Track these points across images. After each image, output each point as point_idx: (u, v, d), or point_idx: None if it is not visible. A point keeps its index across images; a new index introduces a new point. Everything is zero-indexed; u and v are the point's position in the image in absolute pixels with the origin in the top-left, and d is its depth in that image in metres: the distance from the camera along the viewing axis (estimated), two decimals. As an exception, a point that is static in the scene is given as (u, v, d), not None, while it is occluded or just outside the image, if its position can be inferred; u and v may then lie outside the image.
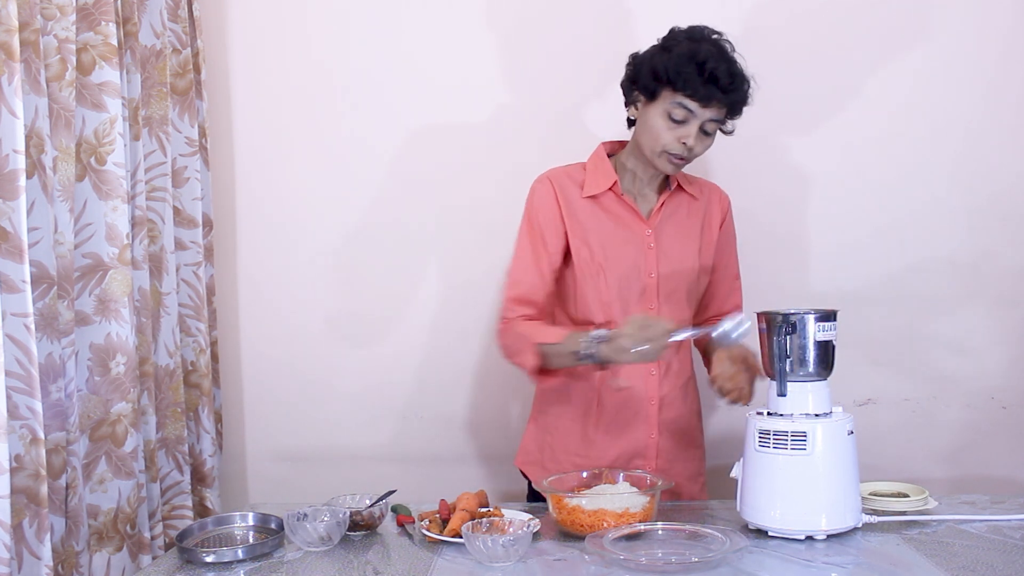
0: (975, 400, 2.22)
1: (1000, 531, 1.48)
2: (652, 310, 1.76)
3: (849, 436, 1.47)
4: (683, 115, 1.66)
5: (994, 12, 2.16)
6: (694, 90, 1.62)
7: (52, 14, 1.70)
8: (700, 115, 1.66)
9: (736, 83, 1.64)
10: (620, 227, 1.78)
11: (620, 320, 1.70)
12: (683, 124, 1.66)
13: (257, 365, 2.35)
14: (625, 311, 1.75)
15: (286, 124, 2.30)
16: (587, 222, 1.78)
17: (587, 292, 1.77)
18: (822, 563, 1.36)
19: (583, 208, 1.78)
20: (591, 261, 1.76)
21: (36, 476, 1.57)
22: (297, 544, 1.51)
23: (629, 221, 1.78)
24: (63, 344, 1.71)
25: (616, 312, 1.75)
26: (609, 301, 1.76)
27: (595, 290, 1.76)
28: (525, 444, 1.91)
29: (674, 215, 1.81)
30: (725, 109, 1.67)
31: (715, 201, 1.88)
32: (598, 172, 1.79)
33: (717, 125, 1.69)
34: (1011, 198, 2.19)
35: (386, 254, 2.30)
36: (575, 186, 1.80)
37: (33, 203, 1.63)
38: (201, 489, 2.19)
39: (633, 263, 1.76)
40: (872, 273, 2.21)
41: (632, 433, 1.79)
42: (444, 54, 2.27)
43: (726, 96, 1.64)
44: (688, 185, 1.84)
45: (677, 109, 1.65)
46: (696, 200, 1.84)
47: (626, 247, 1.77)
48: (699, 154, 1.71)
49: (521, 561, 1.39)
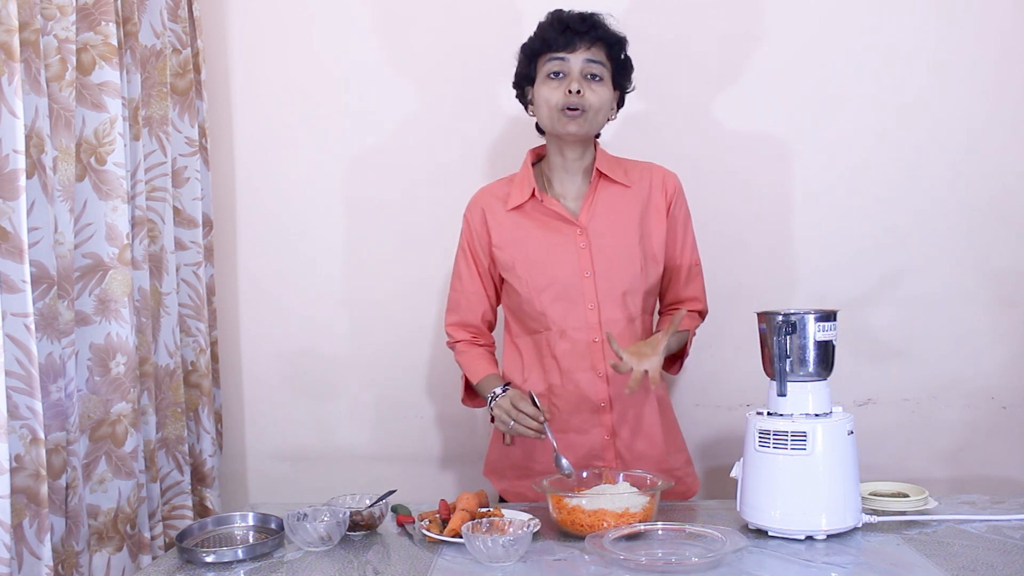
0: (975, 400, 2.22)
1: (1000, 531, 1.48)
2: (591, 310, 1.75)
3: (849, 436, 1.47)
4: (558, 66, 1.72)
5: (994, 12, 2.16)
6: (555, 41, 1.71)
7: (52, 14, 1.70)
8: (573, 61, 1.70)
9: (590, 20, 1.71)
10: (548, 232, 1.78)
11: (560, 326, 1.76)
12: (563, 77, 1.71)
13: (257, 365, 2.35)
14: (563, 318, 1.76)
15: (286, 124, 2.31)
16: (516, 235, 1.79)
17: (521, 304, 1.80)
18: (822, 563, 1.36)
19: (511, 222, 1.80)
20: (519, 275, 1.78)
21: (36, 476, 1.57)
22: (297, 544, 1.51)
23: (556, 225, 1.78)
24: (63, 344, 1.71)
25: (554, 319, 1.77)
26: (542, 310, 1.77)
27: (529, 302, 1.78)
28: (488, 453, 1.94)
29: (607, 209, 1.78)
30: (595, 48, 1.71)
31: (657, 185, 1.82)
32: (521, 182, 1.81)
33: (601, 68, 1.72)
34: (1011, 198, 2.19)
35: (386, 254, 2.30)
36: (500, 202, 1.82)
37: (33, 203, 1.63)
38: (201, 489, 2.19)
39: (565, 267, 1.76)
40: (872, 273, 2.21)
41: (584, 437, 1.78)
42: (444, 53, 2.27)
43: (586, 35, 1.69)
44: (620, 174, 1.80)
45: (552, 65, 1.72)
46: (629, 188, 1.80)
47: (556, 251, 1.77)
48: (595, 104, 1.71)
49: (521, 561, 1.39)
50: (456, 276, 1.88)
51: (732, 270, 2.18)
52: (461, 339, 1.87)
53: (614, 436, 1.78)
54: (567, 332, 1.77)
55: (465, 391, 1.89)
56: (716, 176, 2.17)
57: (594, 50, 1.71)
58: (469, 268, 1.85)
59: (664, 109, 2.22)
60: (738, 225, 2.18)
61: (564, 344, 1.77)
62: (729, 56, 2.21)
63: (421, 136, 2.28)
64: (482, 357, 1.85)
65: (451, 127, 2.28)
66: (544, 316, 1.78)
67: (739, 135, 2.23)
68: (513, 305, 1.85)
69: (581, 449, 1.78)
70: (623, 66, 1.77)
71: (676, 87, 2.22)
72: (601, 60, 1.72)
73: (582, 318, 1.76)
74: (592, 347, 1.76)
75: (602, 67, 1.72)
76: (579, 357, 1.77)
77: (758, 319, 1.54)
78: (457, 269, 1.88)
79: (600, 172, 1.78)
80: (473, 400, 1.90)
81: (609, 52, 1.73)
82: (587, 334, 1.76)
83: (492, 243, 1.82)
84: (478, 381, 1.81)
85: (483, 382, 1.80)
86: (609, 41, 1.72)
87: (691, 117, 2.23)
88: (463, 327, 1.88)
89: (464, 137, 2.27)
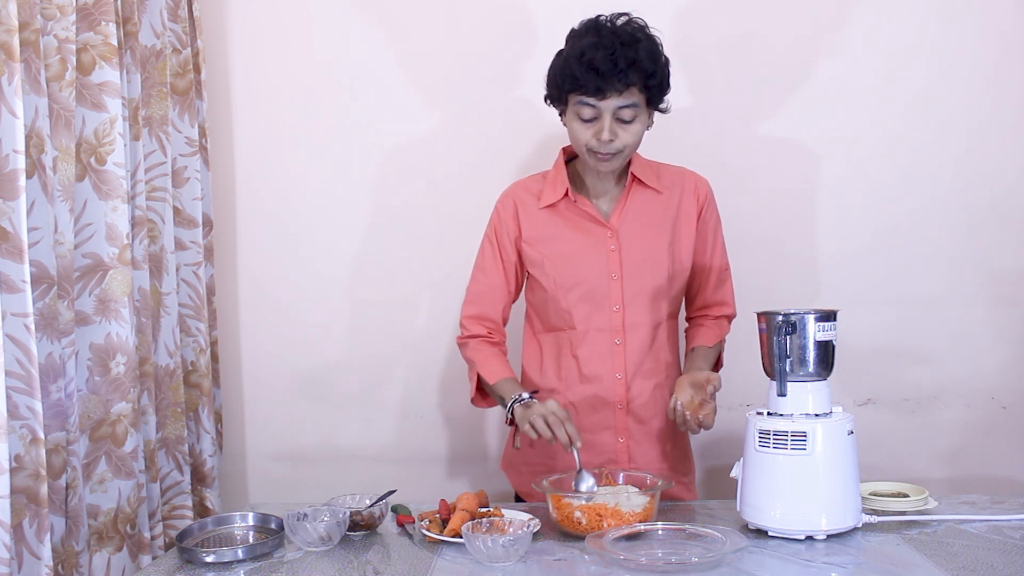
0: (975, 400, 2.22)
1: (1000, 531, 1.48)
2: (616, 311, 1.76)
3: (849, 436, 1.47)
4: (590, 113, 1.65)
5: (994, 12, 2.16)
6: (584, 86, 1.61)
7: (52, 14, 1.70)
8: (604, 107, 1.63)
9: (620, 66, 1.58)
10: (579, 233, 1.78)
11: (584, 326, 1.76)
12: (594, 121, 1.65)
13: (257, 365, 2.35)
14: (588, 318, 1.76)
15: (286, 124, 2.31)
16: (547, 232, 1.79)
17: (547, 302, 1.80)
18: (822, 563, 1.36)
19: (542, 219, 1.80)
20: (547, 272, 1.78)
21: (36, 476, 1.57)
22: (297, 544, 1.51)
23: (588, 226, 1.78)
24: (63, 344, 1.71)
25: (578, 319, 1.77)
26: (568, 308, 1.77)
27: (555, 300, 1.78)
28: (506, 448, 1.93)
29: (640, 213, 1.78)
30: (628, 92, 1.61)
31: (688, 191, 1.81)
32: (555, 181, 1.80)
33: (633, 111, 1.64)
34: (1011, 198, 2.19)
35: (387, 253, 2.30)
36: (533, 198, 1.81)
37: (33, 203, 1.63)
38: (201, 489, 2.19)
39: (594, 268, 1.76)
40: (872, 273, 2.21)
41: (596, 437, 1.78)
42: (445, 53, 2.27)
43: (616, 82, 1.59)
44: (653, 179, 1.79)
45: (583, 108, 1.65)
46: (661, 194, 1.79)
47: (586, 252, 1.77)
48: (630, 143, 1.67)
49: (521, 561, 1.39)
50: (479, 268, 1.86)
51: (731, 269, 2.18)
52: (476, 334, 1.83)
53: (628, 439, 1.78)
54: (590, 332, 1.77)
55: (477, 391, 1.84)
56: (715, 176, 2.17)
57: (628, 93, 1.61)
58: (495, 261, 1.83)
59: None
60: (736, 224, 2.17)
61: (587, 344, 1.77)
62: (731, 57, 2.21)
63: (421, 136, 2.28)
64: (498, 358, 1.81)
65: (452, 127, 2.28)
66: (569, 315, 1.77)
67: (738, 135, 2.23)
68: (538, 301, 1.84)
69: (592, 449, 1.78)
70: (660, 90, 1.67)
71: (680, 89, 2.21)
72: (635, 101, 1.63)
73: (606, 319, 1.76)
74: (614, 349, 1.76)
75: (634, 108, 1.63)
76: (600, 358, 1.77)
77: (758, 319, 1.54)
78: (481, 261, 1.85)
79: (634, 176, 1.78)
80: (484, 400, 1.85)
81: (645, 85, 1.63)
82: (610, 335, 1.76)
83: (522, 238, 1.81)
84: (495, 382, 1.76)
85: (501, 384, 1.75)
86: (647, 79, 1.62)
87: (691, 117, 2.22)
88: (481, 320, 1.84)
89: (466, 138, 2.27)
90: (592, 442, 1.78)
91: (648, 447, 1.80)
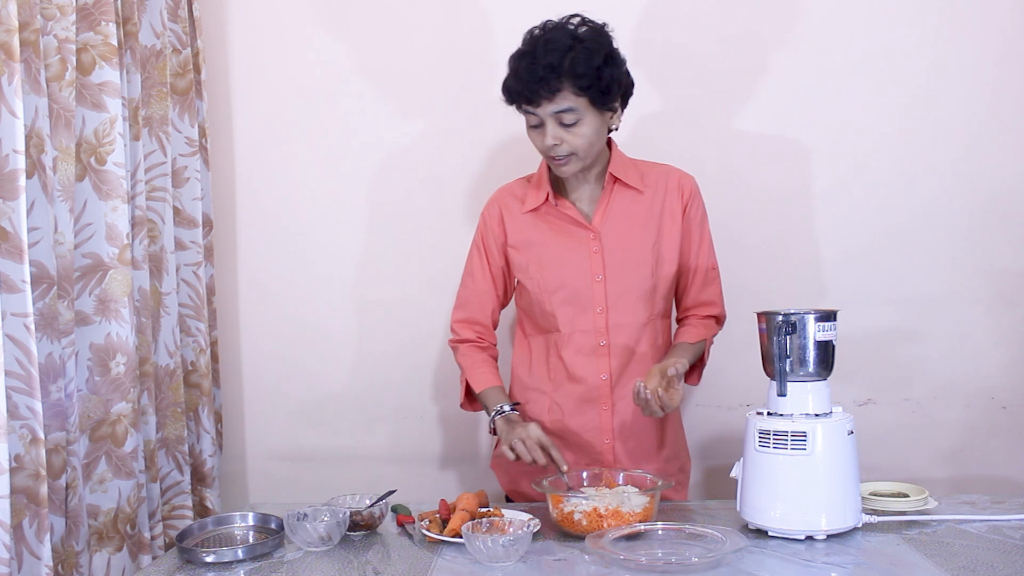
0: (975, 400, 2.22)
1: (1000, 531, 1.48)
2: (600, 313, 1.76)
3: (849, 436, 1.47)
4: (534, 120, 1.67)
5: (994, 12, 2.16)
6: (518, 95, 1.64)
7: (52, 14, 1.70)
8: (543, 114, 1.64)
9: (539, 73, 1.58)
10: (562, 236, 1.78)
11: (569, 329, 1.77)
12: (540, 127, 1.67)
13: (257, 365, 2.35)
14: (572, 320, 1.77)
15: (286, 124, 2.31)
16: (531, 237, 1.80)
17: (532, 305, 1.81)
18: (822, 563, 1.36)
19: (527, 224, 1.81)
20: (532, 276, 1.79)
21: (36, 476, 1.57)
22: (297, 544, 1.51)
23: (570, 228, 1.78)
24: (63, 344, 1.71)
25: (563, 321, 1.77)
26: (552, 311, 1.78)
27: (539, 303, 1.79)
28: (496, 448, 1.93)
29: (622, 213, 1.78)
30: (561, 95, 1.60)
31: (673, 188, 1.79)
32: (538, 184, 1.81)
33: (574, 115, 1.62)
34: (1011, 198, 2.19)
35: (386, 253, 2.30)
36: (518, 203, 1.82)
37: (33, 203, 1.63)
38: (201, 489, 2.19)
39: (577, 270, 1.76)
40: (872, 273, 2.21)
41: (585, 438, 1.78)
42: (444, 53, 2.27)
43: (541, 89, 1.59)
44: (635, 179, 1.78)
45: (527, 116, 1.67)
46: (643, 193, 1.78)
47: (569, 255, 1.77)
48: (580, 146, 1.65)
49: (521, 561, 1.39)
50: (468, 273, 1.88)
51: (731, 269, 2.17)
52: (466, 339, 1.87)
53: (614, 439, 1.78)
54: (575, 334, 1.77)
55: (465, 395, 1.88)
56: (714, 175, 2.17)
57: (560, 98, 1.60)
58: (482, 266, 1.86)
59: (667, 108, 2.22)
60: (736, 224, 2.18)
61: (571, 346, 1.78)
62: (732, 57, 2.21)
63: (421, 136, 2.28)
64: (486, 364, 1.84)
65: (452, 128, 2.28)
66: (554, 317, 1.78)
67: (737, 135, 2.23)
68: (525, 305, 1.86)
69: (579, 450, 1.79)
70: (604, 90, 1.63)
71: (678, 88, 2.22)
72: (571, 105, 1.61)
73: (590, 321, 1.76)
74: (599, 350, 1.77)
75: (574, 112, 1.62)
76: (585, 359, 1.77)
77: (758, 319, 1.54)
78: (470, 267, 1.88)
79: (614, 176, 1.77)
80: (472, 404, 1.89)
81: (580, 89, 1.60)
82: (594, 337, 1.77)
83: (508, 243, 1.83)
84: (480, 391, 1.80)
85: (487, 393, 1.79)
86: (578, 82, 1.60)
87: (691, 117, 2.22)
88: (471, 325, 1.87)
89: (465, 138, 2.27)
90: (579, 443, 1.79)
91: (635, 447, 1.79)
